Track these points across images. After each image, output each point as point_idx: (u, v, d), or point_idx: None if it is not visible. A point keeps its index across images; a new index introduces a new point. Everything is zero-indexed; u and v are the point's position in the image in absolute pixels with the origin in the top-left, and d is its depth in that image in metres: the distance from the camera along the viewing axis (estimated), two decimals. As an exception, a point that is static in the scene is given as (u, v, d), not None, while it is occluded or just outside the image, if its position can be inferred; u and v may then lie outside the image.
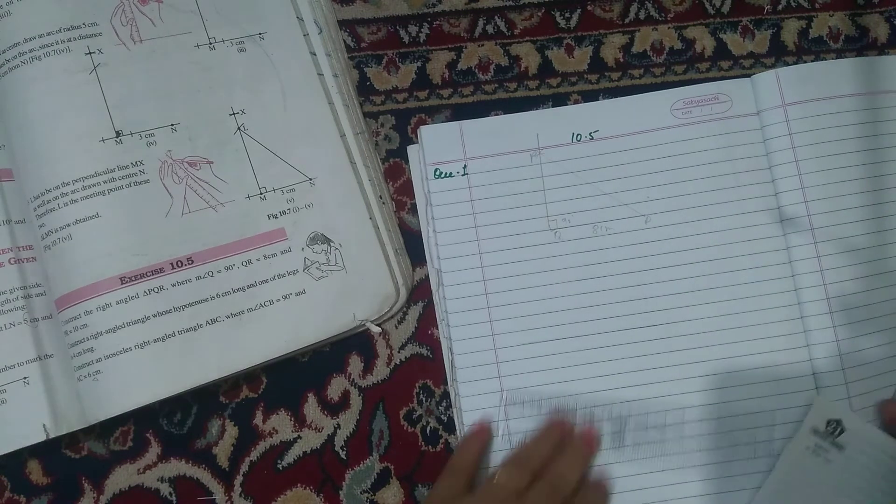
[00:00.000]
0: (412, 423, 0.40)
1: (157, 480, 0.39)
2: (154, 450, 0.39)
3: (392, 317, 0.41)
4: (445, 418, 0.40)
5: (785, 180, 0.40)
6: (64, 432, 0.37)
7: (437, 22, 0.44)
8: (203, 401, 0.40)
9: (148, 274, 0.37)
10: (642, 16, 0.44)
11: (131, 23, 0.40)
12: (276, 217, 0.40)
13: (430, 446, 0.40)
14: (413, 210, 0.42)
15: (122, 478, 0.39)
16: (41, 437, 0.37)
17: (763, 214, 0.40)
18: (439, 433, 0.40)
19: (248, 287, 0.38)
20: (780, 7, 0.45)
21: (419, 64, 0.44)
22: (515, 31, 0.44)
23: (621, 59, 0.44)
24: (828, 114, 0.40)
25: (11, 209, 0.39)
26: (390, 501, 0.39)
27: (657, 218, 0.40)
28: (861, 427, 0.37)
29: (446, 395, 0.40)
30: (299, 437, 0.40)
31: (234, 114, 0.40)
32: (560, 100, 0.43)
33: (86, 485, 0.39)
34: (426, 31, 0.44)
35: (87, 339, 0.37)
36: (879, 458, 0.37)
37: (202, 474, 0.39)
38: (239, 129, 0.40)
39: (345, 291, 0.40)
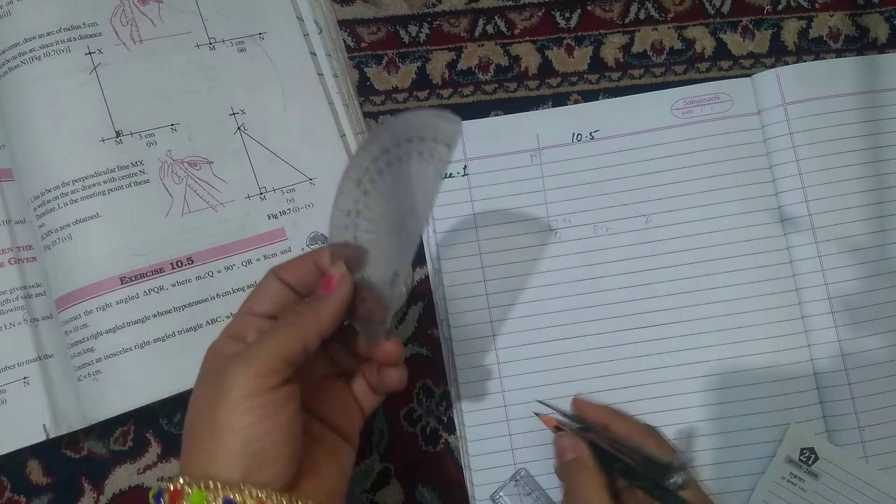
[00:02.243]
0: (412, 423, 0.40)
1: (157, 480, 0.39)
2: (154, 450, 0.39)
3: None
4: (445, 418, 0.40)
5: (785, 180, 0.40)
6: (64, 432, 0.37)
7: (437, 22, 0.44)
8: (203, 401, 0.40)
9: (148, 274, 0.37)
10: (642, 16, 0.44)
11: (131, 23, 0.40)
12: (276, 217, 0.40)
13: (430, 446, 0.40)
14: (413, 210, 0.42)
15: (122, 478, 0.39)
16: (41, 437, 0.37)
17: (764, 214, 0.40)
18: (439, 433, 0.40)
19: (249, 287, 0.38)
20: (780, 7, 0.45)
21: (419, 64, 0.44)
22: (515, 31, 0.44)
23: (621, 59, 0.44)
24: (828, 113, 0.40)
25: (11, 209, 0.39)
26: (390, 501, 0.39)
27: (658, 218, 0.40)
28: (835, 454, 0.37)
29: (446, 395, 0.40)
30: (299, 437, 0.40)
31: (234, 114, 0.40)
32: (560, 100, 0.43)
33: (86, 485, 0.39)
34: (426, 31, 0.44)
35: (87, 339, 0.37)
36: (854, 483, 0.37)
37: (202, 474, 0.39)
38: (239, 129, 0.40)
39: (345, 291, 0.40)
